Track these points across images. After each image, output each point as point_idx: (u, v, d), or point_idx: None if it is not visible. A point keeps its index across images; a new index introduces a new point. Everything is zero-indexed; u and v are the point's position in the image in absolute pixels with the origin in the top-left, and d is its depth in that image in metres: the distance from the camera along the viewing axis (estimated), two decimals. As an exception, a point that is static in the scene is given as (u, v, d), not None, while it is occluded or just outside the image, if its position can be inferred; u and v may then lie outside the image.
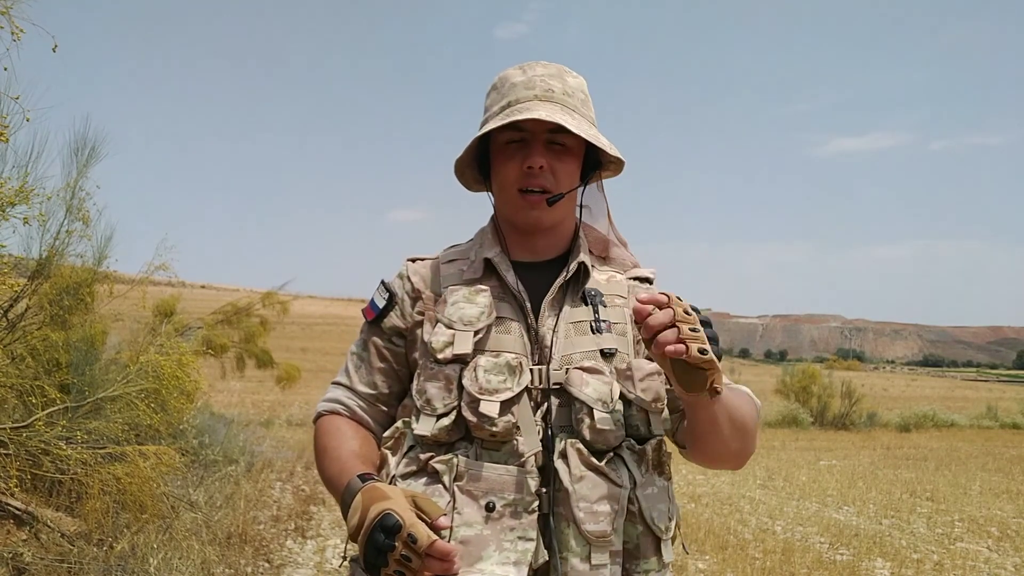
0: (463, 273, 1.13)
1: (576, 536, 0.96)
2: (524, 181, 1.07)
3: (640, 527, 0.99)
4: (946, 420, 16.14)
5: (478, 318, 1.05)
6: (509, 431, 0.98)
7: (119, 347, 4.17)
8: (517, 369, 1.01)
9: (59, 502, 3.53)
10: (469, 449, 1.01)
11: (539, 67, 1.11)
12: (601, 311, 1.09)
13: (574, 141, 1.08)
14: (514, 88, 1.08)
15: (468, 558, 0.94)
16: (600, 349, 1.06)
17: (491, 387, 0.99)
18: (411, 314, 1.13)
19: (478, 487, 0.98)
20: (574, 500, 0.96)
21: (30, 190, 3.06)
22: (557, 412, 1.03)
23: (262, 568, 3.80)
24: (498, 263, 1.11)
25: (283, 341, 23.67)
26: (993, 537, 5.40)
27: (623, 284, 1.15)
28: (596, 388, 1.01)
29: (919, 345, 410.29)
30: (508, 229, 1.15)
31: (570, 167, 1.10)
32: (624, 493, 0.98)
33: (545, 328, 1.07)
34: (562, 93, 1.08)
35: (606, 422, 0.99)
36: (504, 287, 1.10)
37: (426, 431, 1.02)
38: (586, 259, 1.12)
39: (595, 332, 1.07)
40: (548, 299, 1.08)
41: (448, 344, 1.04)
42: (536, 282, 1.11)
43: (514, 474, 0.98)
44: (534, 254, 1.14)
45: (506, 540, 0.96)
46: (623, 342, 1.09)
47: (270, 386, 13.82)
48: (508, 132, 1.08)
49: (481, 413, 0.97)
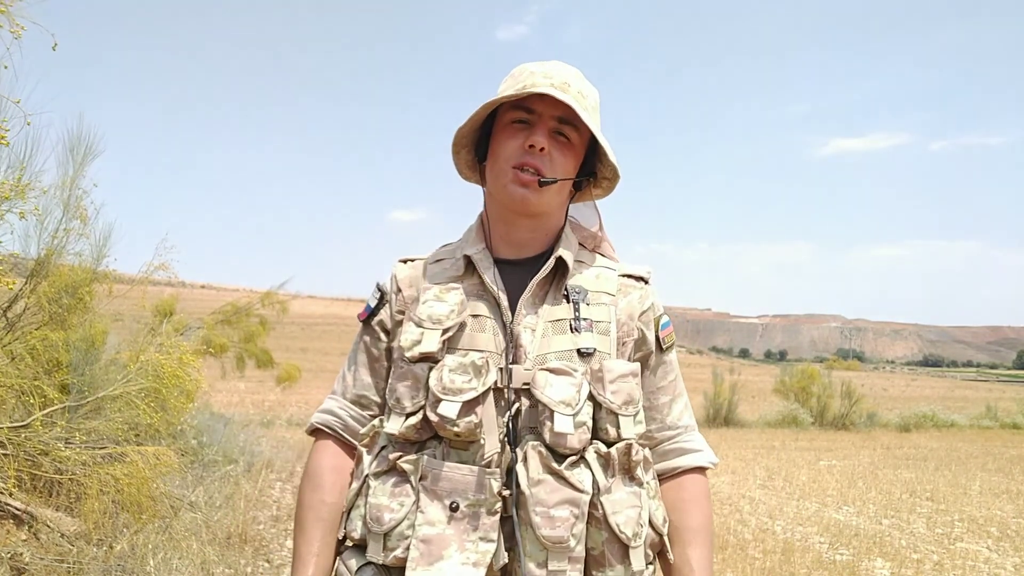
0: (447, 271, 1.13)
1: (533, 541, 0.95)
2: (521, 159, 1.05)
3: (605, 533, 0.97)
4: (946, 420, 16.14)
5: (447, 316, 1.04)
6: (472, 431, 0.97)
7: (119, 347, 4.17)
8: (483, 369, 1.00)
9: (58, 502, 3.52)
10: (437, 448, 1.01)
11: (559, 64, 1.10)
12: (583, 309, 1.07)
13: (577, 138, 1.08)
14: (532, 75, 1.07)
15: (428, 557, 0.94)
16: (577, 348, 1.04)
17: (455, 387, 0.98)
18: (395, 313, 1.15)
19: (441, 487, 0.98)
20: (531, 504, 0.95)
21: (25, 185, 3.05)
22: (527, 413, 1.01)
23: (262, 568, 3.80)
24: (478, 260, 1.09)
25: (283, 341, 23.66)
26: (993, 537, 5.40)
27: (613, 281, 1.13)
28: (560, 390, 0.99)
29: (919, 345, 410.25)
30: (495, 221, 1.13)
31: (569, 161, 1.09)
32: (584, 498, 0.96)
33: (522, 326, 1.05)
34: (577, 91, 1.07)
35: (565, 425, 0.96)
36: (484, 285, 1.09)
37: (395, 429, 1.02)
38: (567, 255, 1.10)
39: (574, 331, 1.05)
40: (525, 296, 1.06)
41: (416, 343, 1.03)
42: (517, 279, 1.09)
43: (475, 474, 0.97)
44: (518, 250, 1.12)
45: (468, 540, 0.95)
46: (604, 341, 1.06)
47: (270, 386, 13.82)
48: (516, 112, 1.07)
49: (439, 413, 0.97)
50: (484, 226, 1.15)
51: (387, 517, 0.99)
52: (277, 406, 12.38)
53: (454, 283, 1.09)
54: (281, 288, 8.84)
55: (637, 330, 1.11)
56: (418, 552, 0.95)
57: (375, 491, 1.01)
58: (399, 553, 0.97)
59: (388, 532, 0.98)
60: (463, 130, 1.09)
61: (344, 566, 1.04)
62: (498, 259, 1.12)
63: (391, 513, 0.99)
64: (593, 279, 1.12)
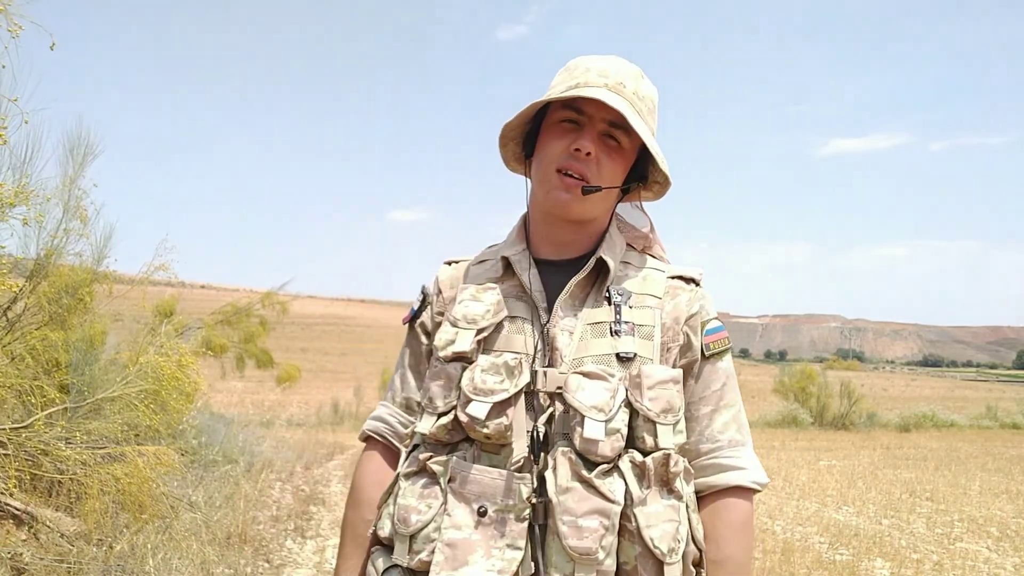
0: (487, 272, 1.11)
1: (560, 551, 0.90)
2: (566, 162, 1.01)
3: (638, 548, 0.91)
4: (946, 420, 16.16)
5: (483, 316, 1.02)
6: (502, 434, 0.94)
7: (118, 347, 4.17)
8: (516, 370, 0.97)
9: (58, 502, 3.52)
10: (468, 451, 0.99)
11: (618, 61, 1.05)
12: (625, 312, 1.02)
13: (628, 142, 1.03)
14: (587, 72, 1.03)
15: (453, 562, 0.92)
16: (616, 353, 0.99)
17: (486, 387, 0.96)
18: (435, 315, 1.14)
19: (469, 490, 0.95)
20: (558, 512, 0.90)
21: (29, 192, 3.06)
22: (560, 418, 0.97)
23: (262, 568, 3.80)
24: (516, 262, 1.07)
25: (283, 341, 23.63)
26: (993, 537, 5.40)
27: (660, 283, 1.07)
28: (593, 394, 0.94)
29: (919, 345, 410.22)
30: (537, 221, 1.10)
31: (617, 166, 1.04)
32: (615, 509, 0.90)
33: (558, 329, 1.01)
34: (632, 93, 1.02)
35: (596, 431, 0.91)
36: (522, 286, 1.06)
37: (426, 429, 1.00)
38: (609, 257, 1.05)
39: (614, 335, 1.00)
40: (563, 298, 1.02)
41: (450, 342, 1.02)
42: (558, 281, 1.05)
43: (505, 479, 0.94)
44: (560, 251, 1.08)
45: (495, 547, 0.92)
46: (646, 346, 1.01)
47: (270, 386, 13.82)
48: (565, 111, 1.03)
49: (468, 413, 0.95)
50: (525, 226, 1.12)
51: (414, 519, 0.97)
52: (277, 406, 12.39)
53: (492, 283, 1.07)
54: (281, 289, 8.85)
55: (683, 335, 1.05)
56: (443, 556, 0.93)
57: (404, 492, 1.00)
58: (424, 556, 0.95)
59: (414, 534, 0.97)
60: (510, 124, 1.05)
61: (372, 566, 1.03)
62: (539, 259, 1.08)
63: (418, 515, 0.97)
64: (639, 281, 1.06)
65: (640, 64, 1.07)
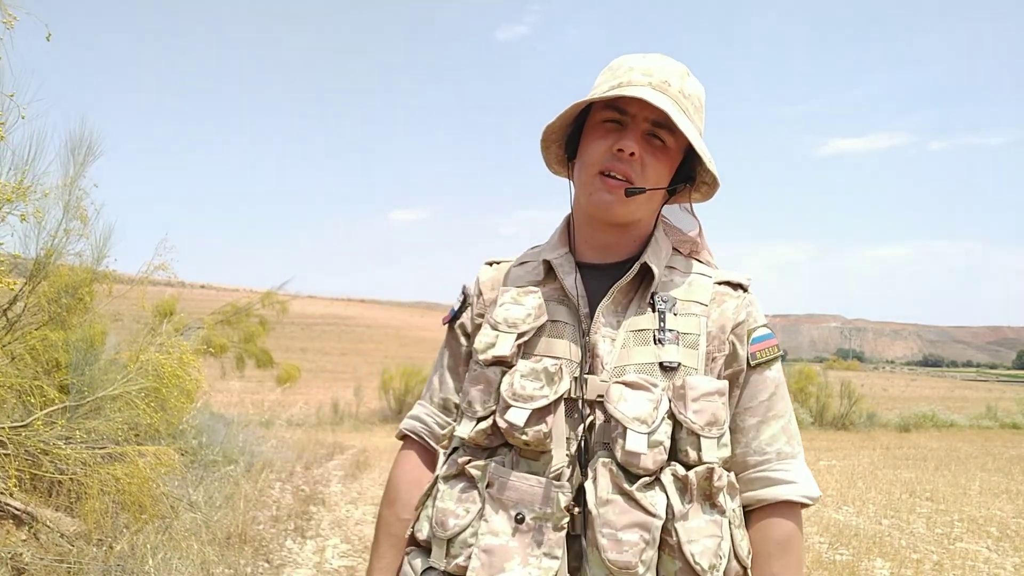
0: (528, 275, 1.09)
1: (599, 564, 0.89)
2: (609, 164, 0.98)
3: (679, 563, 0.89)
4: (946, 420, 16.16)
5: (523, 320, 1.01)
6: (541, 441, 0.93)
7: (119, 347, 4.17)
8: (556, 376, 0.95)
9: (58, 502, 3.52)
10: (507, 456, 0.97)
11: (662, 59, 1.03)
12: (669, 320, 0.99)
13: (674, 142, 1.01)
14: (630, 71, 1.00)
15: (490, 568, 0.91)
16: (659, 362, 0.97)
17: (525, 393, 0.94)
18: (476, 316, 1.13)
19: (507, 496, 0.94)
20: (598, 524, 0.89)
21: (27, 187, 3.06)
22: (600, 428, 0.95)
23: (262, 568, 3.80)
24: (558, 265, 1.04)
25: (283, 341, 23.65)
26: (992, 537, 5.39)
27: (707, 289, 1.04)
28: (635, 405, 0.92)
29: (919, 345, 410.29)
30: (581, 224, 1.07)
31: (662, 167, 1.01)
32: (656, 523, 0.88)
33: (599, 335, 0.99)
34: (678, 91, 1.00)
35: (639, 443, 0.89)
36: (564, 290, 1.03)
37: (465, 433, 1.00)
38: (654, 262, 1.02)
39: (657, 343, 0.98)
40: (604, 304, 1.00)
41: (491, 345, 1.00)
42: (601, 285, 1.02)
43: (543, 486, 0.92)
44: (603, 254, 1.06)
45: (532, 555, 0.91)
46: (690, 355, 0.98)
47: (270, 386, 13.81)
48: (608, 111, 1.00)
49: (507, 419, 0.93)
50: (569, 228, 1.10)
51: (452, 523, 0.96)
52: (277, 406, 12.38)
53: (533, 287, 1.05)
54: (281, 288, 8.86)
55: (729, 344, 1.01)
56: (479, 562, 0.92)
57: (443, 495, 0.99)
58: (461, 561, 0.94)
59: (452, 538, 0.96)
60: (552, 126, 1.03)
61: (409, 566, 1.03)
62: (582, 263, 1.06)
63: (456, 519, 0.96)
64: (685, 287, 1.03)
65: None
